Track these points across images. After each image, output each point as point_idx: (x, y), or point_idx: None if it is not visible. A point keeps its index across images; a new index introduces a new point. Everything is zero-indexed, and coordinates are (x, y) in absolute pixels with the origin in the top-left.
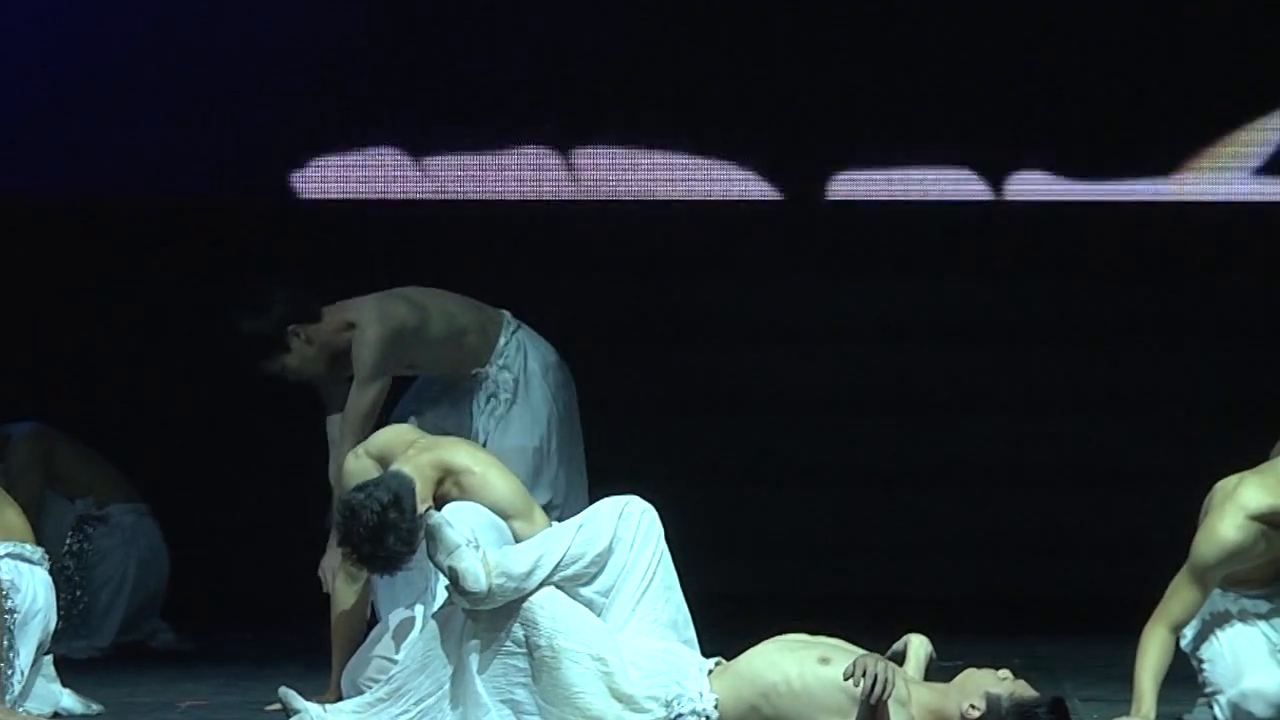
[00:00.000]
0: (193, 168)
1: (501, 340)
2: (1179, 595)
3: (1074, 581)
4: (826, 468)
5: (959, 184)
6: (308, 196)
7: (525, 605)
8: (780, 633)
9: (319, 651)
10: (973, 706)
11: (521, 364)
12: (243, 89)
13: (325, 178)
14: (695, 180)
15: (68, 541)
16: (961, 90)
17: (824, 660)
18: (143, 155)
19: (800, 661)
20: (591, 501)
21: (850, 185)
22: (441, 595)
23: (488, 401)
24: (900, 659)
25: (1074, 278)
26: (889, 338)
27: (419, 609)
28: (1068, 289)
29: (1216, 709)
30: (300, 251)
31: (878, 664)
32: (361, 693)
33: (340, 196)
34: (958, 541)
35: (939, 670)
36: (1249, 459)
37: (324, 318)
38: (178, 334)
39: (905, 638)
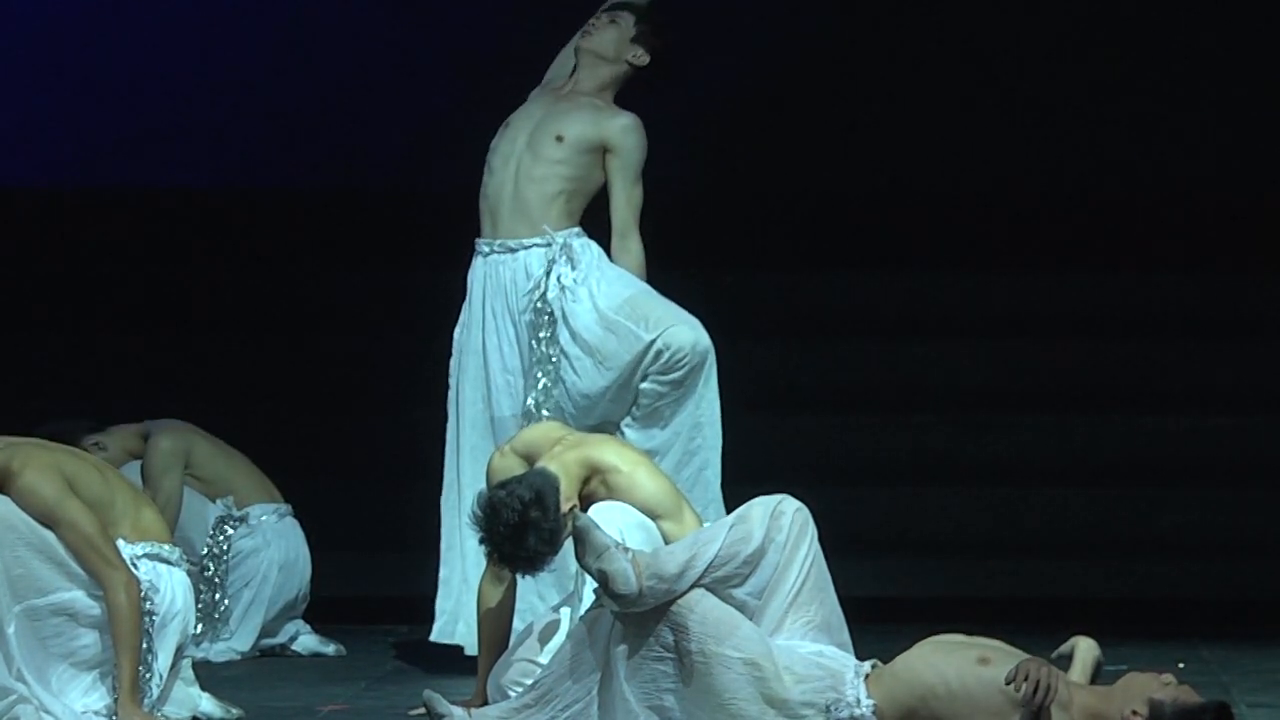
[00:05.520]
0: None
1: None
2: None
3: (1241, 584)
4: (985, 466)
5: None
6: None
7: (674, 609)
8: (937, 633)
9: (462, 655)
10: (1135, 712)
11: None
12: None
13: None
14: None
15: (207, 542)
16: None
17: (984, 661)
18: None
19: (959, 663)
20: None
21: None
22: (588, 598)
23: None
24: (1067, 661)
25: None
26: (1041, 333)
27: (565, 611)
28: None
29: None
30: None
31: (1040, 668)
32: (507, 697)
33: None
34: (1120, 543)
35: (1104, 674)
36: None
37: None
38: (326, 333)
39: (1073, 640)
